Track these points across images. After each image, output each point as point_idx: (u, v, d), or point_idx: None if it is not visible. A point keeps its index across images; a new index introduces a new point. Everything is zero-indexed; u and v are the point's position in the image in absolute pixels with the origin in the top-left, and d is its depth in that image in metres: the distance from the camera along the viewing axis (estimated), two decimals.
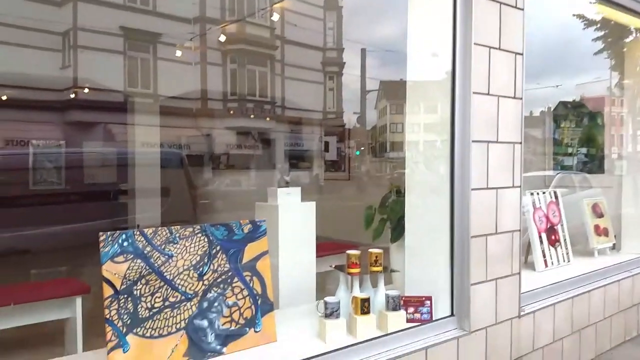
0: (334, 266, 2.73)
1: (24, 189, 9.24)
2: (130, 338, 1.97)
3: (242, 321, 2.27)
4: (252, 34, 16.75)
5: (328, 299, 2.38)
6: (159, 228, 2.11)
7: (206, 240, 2.23)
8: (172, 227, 2.15)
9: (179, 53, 13.92)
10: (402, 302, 2.62)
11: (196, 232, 2.21)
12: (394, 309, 2.49)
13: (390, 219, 3.04)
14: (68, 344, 3.13)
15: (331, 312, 2.36)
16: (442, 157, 2.64)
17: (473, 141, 2.58)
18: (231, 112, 16.35)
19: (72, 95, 13.91)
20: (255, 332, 2.30)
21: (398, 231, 2.97)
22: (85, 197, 9.13)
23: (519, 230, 2.85)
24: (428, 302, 2.65)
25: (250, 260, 2.33)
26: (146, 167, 6.55)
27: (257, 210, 3.19)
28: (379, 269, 2.65)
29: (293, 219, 3.14)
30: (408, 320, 2.61)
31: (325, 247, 3.90)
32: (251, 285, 2.32)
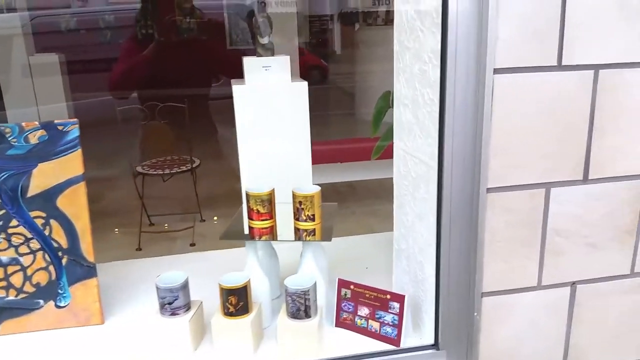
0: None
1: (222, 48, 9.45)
2: None
3: (30, 289, 1.38)
4: None
5: (162, 279, 1.27)
6: None
7: None
8: None
9: None
10: (343, 299, 1.33)
11: None
12: (295, 316, 1.24)
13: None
14: None
15: (162, 304, 1.27)
16: None
17: None
18: None
19: None
20: (58, 307, 1.39)
21: None
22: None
23: None
24: (396, 304, 1.29)
25: (43, 193, 1.35)
26: None
27: (235, 94, 2.05)
28: (309, 225, 1.36)
29: (268, 108, 1.93)
30: (356, 330, 1.34)
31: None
32: (47, 233, 1.36)
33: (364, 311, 1.33)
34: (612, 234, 1.15)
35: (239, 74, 2.25)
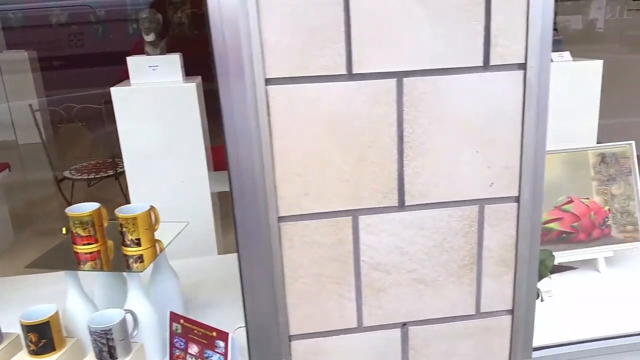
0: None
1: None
2: None
3: None
4: None
5: None
6: None
7: None
8: None
9: None
10: (176, 334, 1.19)
11: None
12: (100, 357, 1.10)
13: None
14: None
15: None
16: None
17: None
18: None
19: None
20: None
21: None
22: None
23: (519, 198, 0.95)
24: (222, 343, 1.14)
25: None
26: None
27: (114, 97, 1.90)
28: (134, 251, 1.22)
29: (154, 112, 1.78)
30: None
31: None
32: None
33: (194, 349, 1.19)
34: (445, 268, 0.98)
35: None
